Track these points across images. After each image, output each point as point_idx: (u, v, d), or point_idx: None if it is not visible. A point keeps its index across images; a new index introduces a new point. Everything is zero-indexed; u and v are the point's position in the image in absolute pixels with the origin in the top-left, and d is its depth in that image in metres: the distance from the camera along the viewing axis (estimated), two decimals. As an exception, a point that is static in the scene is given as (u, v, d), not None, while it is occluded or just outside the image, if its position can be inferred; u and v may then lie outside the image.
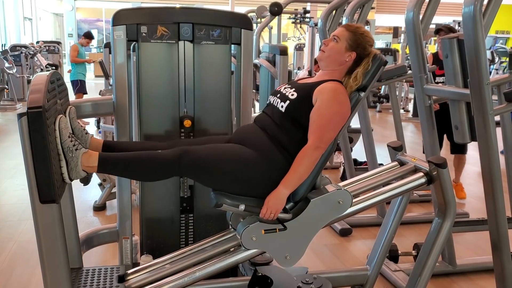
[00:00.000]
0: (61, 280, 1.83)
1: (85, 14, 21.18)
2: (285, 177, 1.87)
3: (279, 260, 1.98)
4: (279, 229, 1.92)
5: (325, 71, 2.08)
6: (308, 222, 1.95)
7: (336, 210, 1.98)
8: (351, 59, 2.02)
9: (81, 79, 8.46)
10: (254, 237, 1.92)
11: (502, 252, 2.49)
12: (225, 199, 1.89)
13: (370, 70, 2.02)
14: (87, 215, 4.05)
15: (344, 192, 1.97)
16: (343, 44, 2.02)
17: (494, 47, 13.44)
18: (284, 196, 1.87)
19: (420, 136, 3.35)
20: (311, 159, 1.87)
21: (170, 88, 2.44)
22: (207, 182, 1.96)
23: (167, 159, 1.84)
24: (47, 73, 1.81)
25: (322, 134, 1.88)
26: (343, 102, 1.93)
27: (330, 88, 1.94)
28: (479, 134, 2.40)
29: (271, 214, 1.86)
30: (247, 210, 1.89)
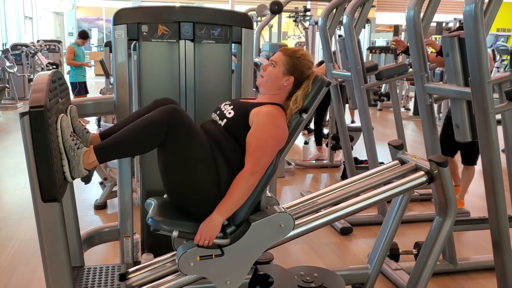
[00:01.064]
0: (63, 279, 1.84)
1: (86, 13, 21.18)
2: (220, 203, 1.83)
3: (218, 285, 1.92)
4: (215, 255, 1.86)
5: (265, 95, 2.06)
6: (248, 246, 1.90)
7: (277, 233, 1.92)
8: (289, 83, 2.01)
9: (80, 81, 8.35)
10: (191, 263, 1.86)
11: (503, 250, 2.49)
12: (161, 224, 1.83)
13: (310, 92, 2.00)
14: (88, 213, 4.05)
15: (286, 215, 1.92)
16: (281, 68, 2.01)
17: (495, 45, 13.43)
18: (218, 223, 1.83)
19: (421, 135, 3.36)
20: (247, 185, 1.83)
21: (171, 86, 2.45)
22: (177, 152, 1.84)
23: (156, 119, 1.78)
24: (48, 73, 1.81)
25: (258, 159, 1.85)
26: (279, 126, 1.91)
27: (265, 112, 1.92)
28: (480, 132, 2.40)
29: (205, 241, 1.82)
30: (181, 236, 1.84)
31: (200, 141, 1.85)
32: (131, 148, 1.86)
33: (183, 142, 1.81)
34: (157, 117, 1.79)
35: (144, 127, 1.79)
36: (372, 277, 2.71)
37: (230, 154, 1.89)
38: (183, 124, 1.80)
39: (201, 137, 1.86)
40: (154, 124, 1.78)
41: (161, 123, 1.77)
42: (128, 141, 1.81)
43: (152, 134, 1.79)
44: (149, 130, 1.79)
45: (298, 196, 4.53)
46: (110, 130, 1.99)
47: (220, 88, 2.51)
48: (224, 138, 1.91)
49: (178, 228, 1.83)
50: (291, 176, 5.47)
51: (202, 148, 1.84)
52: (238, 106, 1.99)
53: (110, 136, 1.85)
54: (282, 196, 4.74)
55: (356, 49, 3.75)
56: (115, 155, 1.95)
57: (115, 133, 1.85)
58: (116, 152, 1.87)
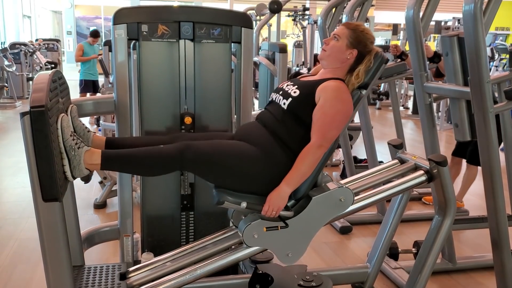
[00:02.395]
0: (63, 278, 1.84)
1: (84, 11, 21.14)
2: (288, 175, 1.87)
3: (280, 257, 1.98)
4: (280, 226, 1.92)
5: (327, 70, 2.08)
6: (309, 220, 1.96)
7: (337, 208, 1.98)
8: (353, 56, 2.03)
9: (86, 79, 8.37)
10: (256, 235, 1.92)
11: (502, 249, 2.50)
12: (227, 196, 1.89)
13: (372, 67, 2.03)
14: (87, 213, 4.05)
15: (346, 190, 1.97)
16: (344, 42, 2.03)
17: (494, 44, 13.43)
18: (286, 194, 1.88)
19: (420, 133, 3.37)
20: (314, 158, 1.87)
21: (171, 86, 2.45)
22: (209, 177, 1.96)
23: (170, 154, 1.84)
24: (49, 72, 1.81)
25: (325, 133, 1.88)
26: (345, 101, 1.94)
27: (332, 86, 1.95)
28: (479, 132, 2.41)
29: (273, 211, 1.87)
30: (249, 207, 1.90)
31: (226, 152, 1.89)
32: (137, 168, 1.93)
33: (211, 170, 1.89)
34: (171, 149, 1.86)
35: (157, 154, 1.86)
36: (372, 276, 2.72)
37: (288, 139, 1.93)
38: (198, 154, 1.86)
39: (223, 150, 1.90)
40: (167, 156, 1.85)
41: (175, 157, 1.84)
42: (138, 161, 1.87)
43: (163, 163, 1.86)
44: (161, 159, 1.86)
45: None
46: (117, 140, 2.06)
47: (220, 88, 2.51)
48: (281, 126, 1.95)
49: (245, 200, 1.88)
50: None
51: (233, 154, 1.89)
52: (302, 85, 2.02)
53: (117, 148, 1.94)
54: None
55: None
56: (118, 168, 2.02)
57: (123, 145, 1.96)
58: (121, 166, 1.94)
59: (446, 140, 7.57)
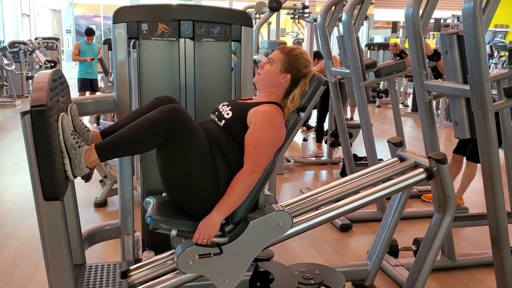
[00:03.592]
0: (65, 277, 1.84)
1: (83, 10, 21.13)
2: (219, 202, 1.84)
3: (217, 283, 1.92)
4: (214, 253, 1.87)
5: (262, 93, 2.07)
6: (247, 244, 1.91)
7: (275, 231, 1.94)
8: (286, 81, 2.01)
9: (83, 77, 8.39)
10: (190, 261, 1.86)
11: (502, 246, 2.51)
12: (160, 223, 1.84)
13: (308, 91, 2.00)
14: (88, 211, 4.06)
15: (284, 214, 1.93)
16: (278, 66, 2.01)
17: (493, 41, 13.43)
18: (217, 221, 1.84)
19: (419, 131, 3.38)
20: (246, 184, 1.83)
21: (171, 84, 2.45)
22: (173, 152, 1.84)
23: (157, 117, 1.79)
24: (49, 72, 1.81)
25: (257, 158, 1.85)
26: (277, 125, 1.91)
27: (263, 111, 1.92)
28: (478, 129, 2.41)
29: (204, 239, 1.83)
30: (179, 235, 1.85)
31: (200, 140, 1.85)
32: (132, 147, 1.86)
33: (183, 142, 1.81)
34: (158, 116, 1.79)
35: (145, 126, 1.79)
36: (372, 273, 2.73)
37: (228, 153, 1.89)
38: (184, 123, 1.80)
39: (201, 137, 1.86)
40: (155, 123, 1.78)
41: (162, 122, 1.77)
42: (129, 140, 1.81)
43: (153, 133, 1.79)
44: (150, 129, 1.79)
45: (297, 193, 4.54)
46: (110, 128, 1.99)
47: (220, 86, 2.52)
48: (223, 138, 1.91)
49: (176, 227, 1.84)
50: (290, 173, 5.48)
51: (202, 147, 1.85)
52: (236, 107, 1.99)
53: (111, 135, 1.85)
54: (282, 193, 4.76)
55: (355, 46, 3.76)
56: (116, 154, 1.96)
57: (116, 132, 1.86)
58: (117, 150, 1.88)
59: (445, 138, 7.58)
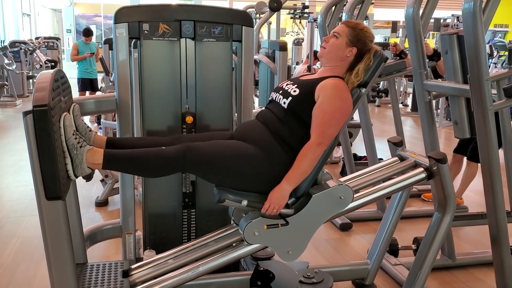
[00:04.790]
0: (66, 276, 1.85)
1: (84, 9, 21.12)
2: (288, 173, 1.89)
3: (281, 254, 2.00)
4: (281, 224, 1.94)
5: (326, 67, 2.09)
6: (310, 217, 1.97)
7: (337, 205, 2.00)
8: (352, 54, 2.04)
9: (83, 77, 8.40)
10: (256, 232, 1.93)
11: (501, 246, 2.51)
12: (228, 194, 1.90)
13: (371, 66, 2.04)
14: (89, 210, 4.07)
15: (346, 187, 1.99)
16: (344, 40, 2.04)
17: (493, 41, 13.44)
18: (287, 192, 1.89)
19: (419, 131, 3.38)
20: (313, 155, 1.88)
21: (172, 85, 2.46)
22: (210, 178, 1.98)
23: (171, 156, 1.86)
24: (51, 71, 1.82)
25: (324, 130, 1.89)
26: (345, 98, 1.95)
27: (332, 84, 1.96)
28: (478, 129, 2.42)
29: (274, 209, 1.88)
30: (250, 205, 1.91)
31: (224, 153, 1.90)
32: (139, 168, 1.94)
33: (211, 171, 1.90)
34: (173, 151, 1.87)
35: (159, 155, 1.87)
36: (372, 272, 2.74)
37: (288, 138, 1.94)
38: (199, 155, 1.87)
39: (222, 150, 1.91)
40: (169, 157, 1.86)
41: (176, 158, 1.86)
42: (139, 162, 1.88)
43: (164, 164, 1.87)
44: (163, 160, 1.87)
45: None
46: (118, 140, 2.07)
47: (221, 86, 2.53)
48: (281, 125, 1.96)
49: (246, 198, 1.90)
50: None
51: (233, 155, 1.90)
52: (302, 84, 2.03)
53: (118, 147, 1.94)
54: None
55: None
56: (120, 168, 2.03)
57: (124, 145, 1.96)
58: (123, 166, 1.95)
59: (445, 138, 7.59)
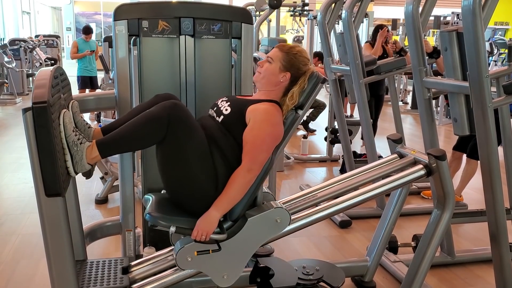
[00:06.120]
0: (66, 273, 1.86)
1: (83, 7, 21.10)
2: (217, 200, 1.85)
3: (215, 280, 1.95)
4: (212, 250, 1.90)
5: (262, 91, 2.08)
6: (245, 241, 1.93)
7: (273, 228, 1.96)
8: (286, 79, 2.03)
9: (82, 75, 8.40)
10: (189, 258, 1.89)
11: (501, 243, 2.52)
12: (159, 220, 1.86)
13: (306, 88, 2.02)
14: (89, 208, 4.07)
15: (282, 211, 1.95)
16: (277, 65, 2.03)
17: (493, 39, 13.43)
18: (215, 219, 1.85)
19: (419, 128, 3.39)
20: (244, 181, 1.85)
21: (171, 82, 2.46)
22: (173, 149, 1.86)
23: (157, 113, 1.80)
24: (50, 68, 1.83)
25: (255, 156, 1.86)
26: (275, 124, 1.93)
27: (262, 109, 1.94)
28: (478, 126, 2.42)
29: (202, 236, 1.84)
30: (178, 232, 1.87)
31: (199, 137, 1.86)
32: (132, 143, 1.88)
33: (182, 138, 1.82)
34: (158, 112, 1.81)
35: (145, 122, 1.81)
36: (371, 269, 2.75)
37: (227, 150, 1.90)
38: (184, 120, 1.82)
39: (199, 133, 1.88)
40: (155, 119, 1.80)
41: (162, 118, 1.79)
42: (129, 136, 1.83)
43: (153, 129, 1.81)
44: (150, 125, 1.81)
45: (297, 190, 4.55)
46: (111, 125, 2.01)
47: (220, 83, 2.53)
48: (221, 134, 1.92)
49: (175, 224, 1.86)
50: (290, 170, 5.49)
51: (201, 144, 1.86)
52: (235, 103, 2.01)
53: (112, 131, 1.87)
54: (282, 190, 4.77)
55: (355, 43, 3.77)
56: (117, 150, 1.98)
57: (116, 128, 1.87)
58: (118, 147, 1.89)
59: (445, 135, 7.59)
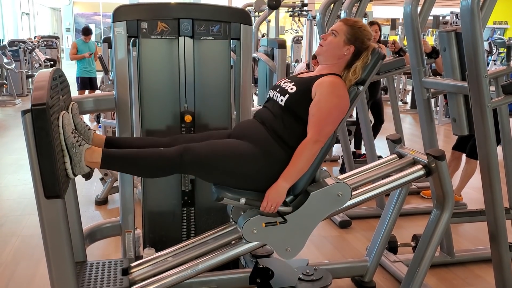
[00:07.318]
0: (66, 274, 1.85)
1: (83, 8, 21.09)
2: (285, 171, 1.89)
3: (279, 252, 2.01)
4: (279, 222, 1.95)
5: (324, 65, 2.10)
6: (308, 215, 1.98)
7: (335, 203, 2.00)
8: (350, 52, 2.05)
9: (82, 76, 8.39)
10: (255, 230, 1.94)
11: (500, 242, 2.52)
12: (226, 192, 1.91)
13: (369, 63, 2.04)
14: (88, 209, 4.07)
15: (344, 185, 1.99)
16: (341, 38, 2.04)
17: (492, 38, 13.42)
18: (284, 190, 1.89)
19: (418, 128, 3.40)
20: (310, 153, 1.89)
21: (170, 83, 2.46)
22: (208, 178, 1.99)
23: (169, 157, 1.86)
24: (49, 70, 1.83)
25: (321, 128, 1.90)
26: (342, 96, 1.96)
27: (328, 82, 1.96)
28: (476, 126, 2.43)
29: (272, 207, 1.89)
30: (248, 203, 1.92)
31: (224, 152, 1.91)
32: (137, 168, 1.95)
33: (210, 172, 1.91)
34: (171, 152, 1.88)
35: (158, 156, 1.88)
36: (371, 269, 2.75)
37: (286, 136, 1.94)
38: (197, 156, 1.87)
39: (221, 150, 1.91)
40: (167, 158, 1.87)
41: (174, 160, 1.86)
42: (137, 162, 1.89)
43: (162, 166, 1.88)
44: (161, 161, 1.88)
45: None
46: (117, 140, 2.07)
47: (219, 84, 2.53)
48: (279, 123, 1.96)
49: (245, 196, 1.91)
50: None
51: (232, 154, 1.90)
52: (299, 81, 2.04)
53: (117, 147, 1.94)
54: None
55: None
56: (118, 167, 2.04)
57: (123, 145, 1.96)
58: (121, 165, 1.96)
59: (444, 135, 7.59)
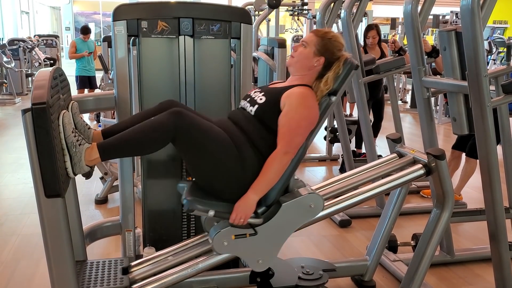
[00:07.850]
0: (66, 273, 1.86)
1: (82, 7, 21.07)
2: (254, 183, 1.87)
3: (250, 264, 1.97)
4: (249, 234, 1.92)
5: (295, 76, 2.09)
6: (279, 226, 1.95)
7: (307, 214, 1.97)
8: (320, 64, 2.03)
9: (81, 75, 8.40)
10: (225, 242, 1.91)
11: (500, 241, 2.52)
12: (196, 205, 1.87)
13: (341, 74, 2.02)
14: (88, 208, 4.07)
15: (316, 196, 1.97)
16: (311, 49, 2.03)
17: (492, 37, 13.42)
18: (253, 202, 1.87)
19: (418, 127, 3.40)
20: (280, 165, 1.86)
21: (170, 82, 2.46)
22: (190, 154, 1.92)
23: (162, 123, 1.81)
24: (50, 69, 1.83)
25: (290, 139, 1.88)
26: (310, 107, 1.94)
27: (297, 93, 1.95)
28: (476, 125, 2.43)
29: (241, 219, 1.86)
30: (217, 215, 1.89)
31: (214, 135, 1.88)
32: (134, 149, 1.90)
33: (196, 143, 1.84)
34: (163, 121, 1.82)
35: (150, 130, 1.82)
36: (371, 268, 2.75)
37: (258, 141, 1.92)
38: (191, 126, 1.83)
39: (213, 132, 1.89)
40: (160, 128, 1.81)
41: (168, 128, 1.80)
42: (132, 142, 1.84)
43: (157, 137, 1.83)
44: (154, 133, 1.82)
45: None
46: (112, 128, 2.03)
47: (220, 83, 2.53)
48: (251, 127, 1.95)
49: (214, 208, 1.88)
50: (289, 170, 5.47)
51: (219, 141, 1.87)
52: (269, 92, 2.03)
53: (114, 135, 1.88)
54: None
55: (354, 43, 3.77)
56: (118, 154, 2.00)
57: (118, 133, 1.88)
58: (119, 151, 1.91)
59: (444, 134, 7.59)
